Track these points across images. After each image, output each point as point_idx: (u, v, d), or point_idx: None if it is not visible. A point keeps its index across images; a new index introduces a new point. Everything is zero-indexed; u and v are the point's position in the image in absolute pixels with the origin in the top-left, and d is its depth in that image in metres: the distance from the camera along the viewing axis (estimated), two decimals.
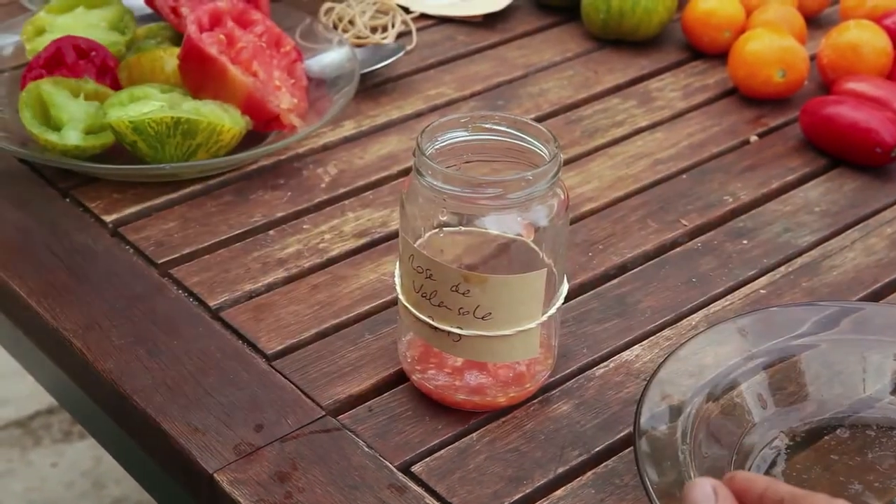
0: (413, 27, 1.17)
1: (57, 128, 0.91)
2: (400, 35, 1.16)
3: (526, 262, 0.67)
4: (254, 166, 0.95)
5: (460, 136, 0.69)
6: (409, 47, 1.14)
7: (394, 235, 0.87)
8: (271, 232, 0.88)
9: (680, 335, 0.79)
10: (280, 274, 0.83)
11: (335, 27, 1.15)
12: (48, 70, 0.96)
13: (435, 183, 0.65)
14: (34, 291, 0.81)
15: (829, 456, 0.69)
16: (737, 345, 0.73)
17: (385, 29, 1.17)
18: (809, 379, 0.73)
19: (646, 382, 0.69)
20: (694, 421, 0.67)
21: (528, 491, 0.67)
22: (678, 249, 0.88)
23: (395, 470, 0.68)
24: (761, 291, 0.84)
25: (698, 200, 0.94)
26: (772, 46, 1.06)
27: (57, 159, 0.90)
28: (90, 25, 1.02)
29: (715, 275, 0.85)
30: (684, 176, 0.97)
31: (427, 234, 0.68)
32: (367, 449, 0.69)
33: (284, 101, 0.96)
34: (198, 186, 0.92)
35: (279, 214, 0.90)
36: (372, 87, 1.06)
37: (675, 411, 0.67)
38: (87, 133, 0.91)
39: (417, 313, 0.69)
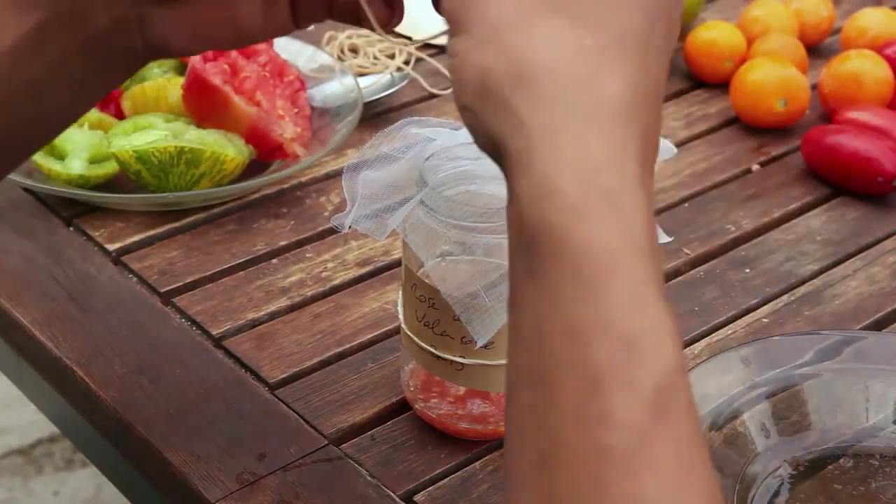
0: (416, 56, 1.18)
1: (61, 157, 0.92)
2: (403, 64, 1.17)
3: None
4: (257, 195, 0.95)
5: (463, 164, 0.69)
6: (412, 76, 1.14)
7: (396, 264, 0.87)
8: (274, 261, 0.88)
9: None
10: (283, 302, 0.83)
11: (339, 57, 1.16)
12: None
13: (437, 212, 0.65)
14: (37, 320, 0.81)
15: (832, 485, 0.69)
16: (739, 374, 0.73)
17: (388, 58, 1.17)
18: (812, 408, 0.73)
19: None
20: None
21: None
22: (680, 278, 0.88)
23: (397, 499, 0.67)
24: (764, 320, 0.84)
25: (700, 229, 0.94)
26: (773, 76, 1.06)
27: (61, 188, 0.91)
28: None
29: (717, 304, 0.85)
30: (686, 205, 0.97)
31: (430, 263, 0.68)
32: (369, 478, 0.69)
33: (288, 130, 0.96)
34: (201, 215, 0.92)
35: (282, 243, 0.90)
36: (375, 115, 1.07)
37: None
38: (90, 162, 0.92)
39: (420, 342, 0.69)
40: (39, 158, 0.91)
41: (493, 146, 0.47)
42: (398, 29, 1.23)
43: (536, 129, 0.44)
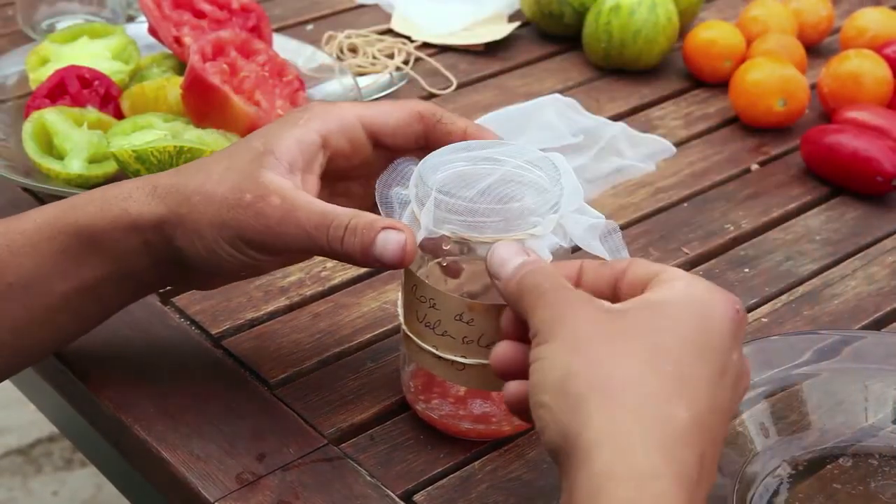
0: (415, 56, 1.18)
1: (60, 157, 0.92)
2: (402, 64, 1.17)
3: None
4: None
5: (462, 165, 0.69)
6: (411, 76, 1.14)
7: None
8: None
9: None
10: (282, 302, 0.83)
11: (338, 56, 1.16)
12: (52, 99, 0.96)
13: (437, 213, 0.65)
14: None
15: (831, 485, 0.69)
16: None
17: (387, 58, 1.17)
18: (811, 408, 0.73)
19: None
20: None
21: None
22: None
23: (397, 499, 0.68)
24: (763, 320, 0.84)
25: (700, 229, 0.94)
26: (772, 75, 1.06)
27: (60, 188, 0.90)
28: (94, 55, 1.02)
29: None
30: (686, 204, 0.97)
31: (429, 264, 0.68)
32: (369, 478, 0.69)
33: None
34: None
35: None
36: None
37: None
38: (90, 162, 0.92)
39: (422, 343, 0.69)
40: (39, 158, 0.91)
41: (561, 439, 0.52)
42: (398, 29, 1.23)
43: (605, 431, 0.51)
